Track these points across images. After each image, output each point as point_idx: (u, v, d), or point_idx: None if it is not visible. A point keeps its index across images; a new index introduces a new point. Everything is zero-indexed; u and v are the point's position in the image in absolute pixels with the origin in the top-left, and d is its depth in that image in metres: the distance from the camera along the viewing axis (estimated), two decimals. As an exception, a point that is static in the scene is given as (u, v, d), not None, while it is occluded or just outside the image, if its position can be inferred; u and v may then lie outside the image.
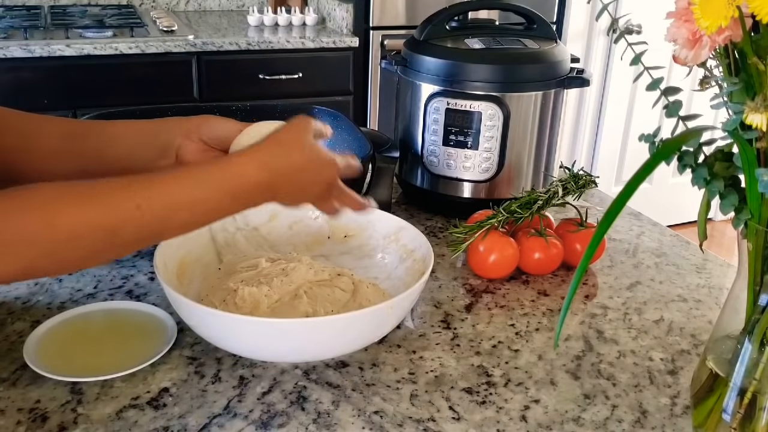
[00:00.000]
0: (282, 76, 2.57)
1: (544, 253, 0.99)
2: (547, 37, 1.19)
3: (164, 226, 0.64)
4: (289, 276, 0.86)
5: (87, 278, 0.95)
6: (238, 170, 0.67)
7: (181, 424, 0.70)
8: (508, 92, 1.10)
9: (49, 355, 0.77)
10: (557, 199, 1.04)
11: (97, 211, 0.59)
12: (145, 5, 2.94)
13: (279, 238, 0.97)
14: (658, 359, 0.83)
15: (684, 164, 0.61)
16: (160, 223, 0.63)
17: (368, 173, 1.09)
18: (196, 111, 1.19)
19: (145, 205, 0.61)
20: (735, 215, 0.60)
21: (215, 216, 0.68)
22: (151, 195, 0.62)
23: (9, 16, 2.51)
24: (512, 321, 0.90)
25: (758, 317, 0.61)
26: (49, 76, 2.29)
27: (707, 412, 0.65)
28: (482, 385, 0.77)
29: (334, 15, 2.77)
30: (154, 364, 0.77)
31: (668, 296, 0.98)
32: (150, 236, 0.65)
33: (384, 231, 0.95)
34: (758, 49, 0.55)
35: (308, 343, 0.74)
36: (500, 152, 1.13)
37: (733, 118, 0.55)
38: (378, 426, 0.71)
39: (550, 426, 0.72)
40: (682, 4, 0.57)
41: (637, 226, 1.19)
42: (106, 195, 0.61)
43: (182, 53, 2.41)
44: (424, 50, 1.15)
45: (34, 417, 0.70)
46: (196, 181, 0.65)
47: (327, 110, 1.23)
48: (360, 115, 2.75)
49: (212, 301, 0.83)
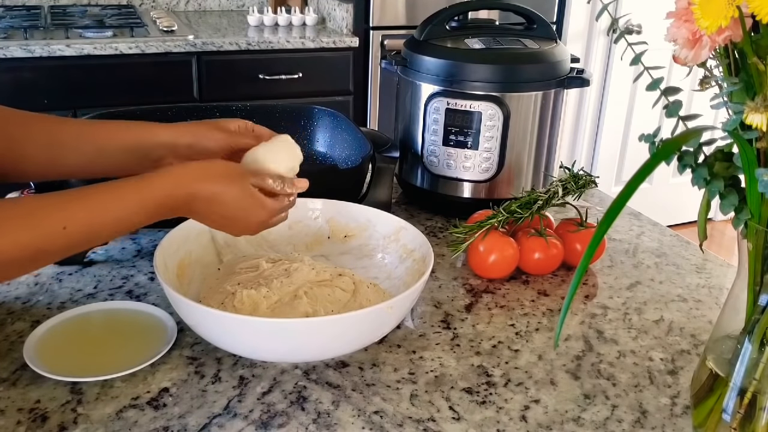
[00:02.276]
0: (282, 76, 2.57)
1: (544, 253, 0.99)
2: (547, 37, 1.19)
3: (89, 241, 0.69)
4: (290, 277, 0.86)
5: (87, 278, 0.95)
6: (160, 189, 0.70)
7: (181, 424, 0.70)
8: (508, 92, 1.10)
9: (49, 355, 0.77)
10: (557, 199, 1.04)
11: (26, 233, 0.63)
12: (145, 5, 2.94)
13: (279, 238, 0.97)
14: (658, 359, 0.83)
15: (684, 164, 0.61)
16: (85, 239, 0.68)
17: (368, 173, 1.09)
18: (196, 111, 1.20)
19: (71, 225, 0.65)
20: (735, 215, 0.60)
21: (138, 227, 0.72)
22: (77, 215, 0.66)
23: (9, 16, 2.51)
24: (512, 321, 0.90)
25: (758, 317, 0.61)
26: (49, 76, 2.29)
27: (707, 412, 0.65)
28: (482, 385, 0.77)
29: (334, 15, 2.77)
30: (154, 364, 0.77)
31: (668, 296, 0.98)
32: (75, 250, 0.69)
33: (384, 231, 0.95)
34: (758, 49, 0.55)
35: (308, 343, 0.74)
36: (500, 152, 1.13)
37: (733, 118, 0.55)
38: (378, 426, 0.71)
39: (550, 426, 0.72)
40: (682, 4, 0.57)
41: (637, 226, 1.19)
42: (35, 217, 0.64)
43: (182, 53, 2.41)
44: (424, 50, 1.15)
45: (34, 417, 0.70)
46: (120, 201, 0.69)
47: (327, 110, 1.24)
48: (360, 115, 2.75)
49: (210, 305, 0.82)
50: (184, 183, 0.71)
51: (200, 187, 0.72)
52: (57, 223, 0.64)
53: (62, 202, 0.66)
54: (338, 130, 1.21)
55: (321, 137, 1.23)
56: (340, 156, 1.19)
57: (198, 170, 0.73)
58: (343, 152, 1.19)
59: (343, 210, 0.98)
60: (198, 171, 0.73)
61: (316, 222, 0.98)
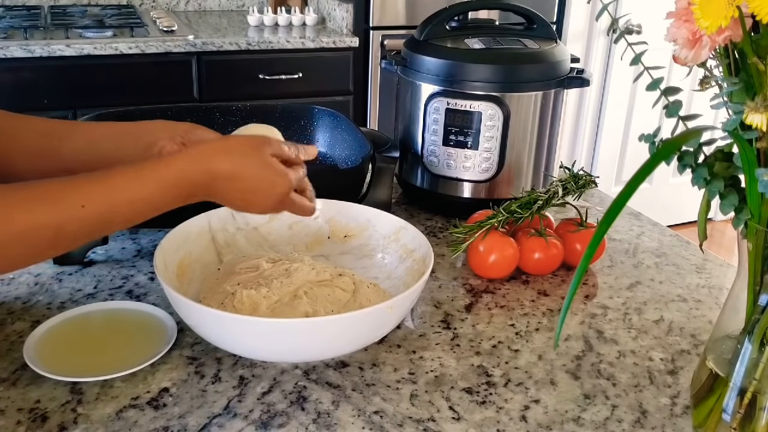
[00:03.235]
0: (282, 76, 2.57)
1: (544, 253, 0.99)
2: (547, 37, 1.19)
3: (107, 221, 0.67)
4: (290, 277, 0.86)
5: (87, 278, 0.95)
6: (178, 169, 0.69)
7: (181, 424, 0.70)
8: (508, 92, 1.10)
9: (49, 355, 0.77)
10: (557, 199, 1.04)
11: (44, 211, 0.62)
12: (145, 5, 2.94)
13: (279, 238, 0.97)
14: (658, 359, 0.83)
15: (684, 164, 0.61)
16: (103, 219, 0.66)
17: (368, 173, 1.09)
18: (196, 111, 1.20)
19: (89, 203, 0.64)
20: (735, 215, 0.60)
21: (157, 211, 0.70)
22: (95, 194, 0.65)
23: (9, 16, 2.51)
24: (512, 321, 0.90)
25: (758, 317, 0.61)
26: (49, 76, 2.29)
27: (707, 412, 0.65)
28: (482, 385, 0.77)
29: (334, 15, 2.77)
30: (154, 364, 0.77)
31: (668, 296, 0.98)
32: (93, 232, 0.67)
33: (384, 231, 0.95)
34: (758, 49, 0.55)
35: (308, 343, 0.74)
36: (500, 152, 1.13)
37: (733, 118, 0.55)
38: (378, 426, 0.71)
39: (550, 426, 0.72)
40: (682, 4, 0.57)
41: (637, 226, 1.19)
42: (53, 195, 0.64)
43: (182, 53, 2.41)
44: (424, 50, 1.15)
45: (34, 417, 0.70)
46: (138, 180, 0.67)
47: (327, 110, 1.24)
48: (360, 115, 2.75)
49: (210, 305, 0.82)
50: (201, 160, 0.69)
51: (218, 164, 0.70)
52: (75, 202, 0.64)
53: (80, 182, 0.66)
54: (338, 130, 1.21)
55: (321, 137, 1.23)
56: (340, 156, 1.19)
57: (214, 147, 0.71)
58: (343, 152, 1.19)
59: (343, 210, 0.98)
60: (214, 147, 0.71)
61: (316, 222, 0.98)
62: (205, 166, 0.69)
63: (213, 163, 0.70)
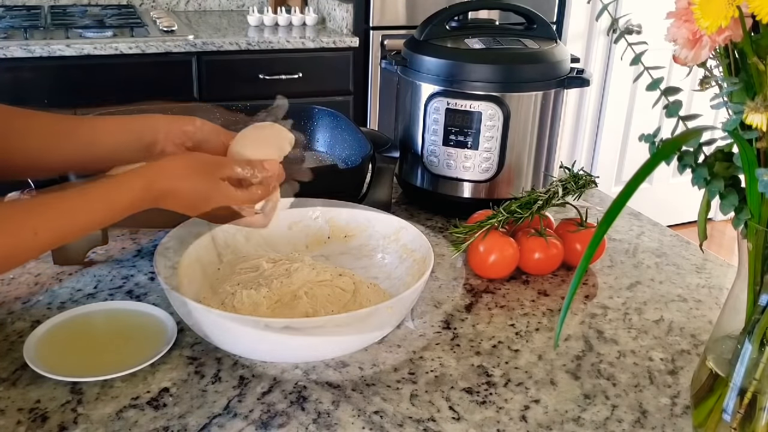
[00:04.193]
0: (282, 76, 2.57)
1: (544, 253, 0.99)
2: (547, 37, 1.19)
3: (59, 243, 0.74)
4: (290, 277, 0.86)
5: (87, 278, 0.95)
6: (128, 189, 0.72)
7: (181, 424, 0.70)
8: (508, 92, 1.10)
9: (49, 355, 0.77)
10: (557, 199, 1.04)
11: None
12: (145, 5, 2.94)
13: (279, 238, 0.97)
14: (658, 359, 0.83)
15: (684, 164, 0.61)
16: (55, 243, 0.73)
17: (368, 173, 1.09)
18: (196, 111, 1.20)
19: (41, 230, 0.67)
20: (735, 215, 0.60)
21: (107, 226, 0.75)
22: (48, 221, 0.68)
23: (9, 16, 2.51)
24: (512, 321, 0.90)
25: (758, 317, 0.61)
26: (49, 76, 2.29)
27: (707, 412, 0.65)
28: (482, 385, 0.77)
29: (334, 15, 2.77)
30: (154, 364, 0.77)
31: (668, 296, 0.98)
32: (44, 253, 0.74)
33: (384, 231, 0.95)
34: (758, 49, 0.55)
35: (308, 343, 0.74)
36: (500, 152, 1.13)
37: (733, 118, 0.55)
38: (378, 426, 0.71)
39: (550, 426, 0.72)
40: (682, 4, 0.57)
41: (637, 226, 1.19)
42: (7, 222, 0.66)
43: (182, 53, 2.41)
44: (424, 50, 1.15)
45: (34, 417, 0.70)
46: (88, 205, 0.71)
47: (327, 110, 1.24)
48: (360, 115, 2.75)
49: (210, 305, 0.82)
50: (148, 182, 0.73)
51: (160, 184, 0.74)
52: (28, 228, 0.66)
53: (34, 207, 0.68)
54: (338, 130, 1.21)
55: (321, 137, 1.23)
56: (340, 156, 1.19)
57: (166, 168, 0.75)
58: (343, 152, 1.19)
59: (343, 210, 0.98)
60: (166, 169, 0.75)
61: (316, 222, 0.98)
62: (150, 185, 0.73)
63: (157, 182, 0.74)
